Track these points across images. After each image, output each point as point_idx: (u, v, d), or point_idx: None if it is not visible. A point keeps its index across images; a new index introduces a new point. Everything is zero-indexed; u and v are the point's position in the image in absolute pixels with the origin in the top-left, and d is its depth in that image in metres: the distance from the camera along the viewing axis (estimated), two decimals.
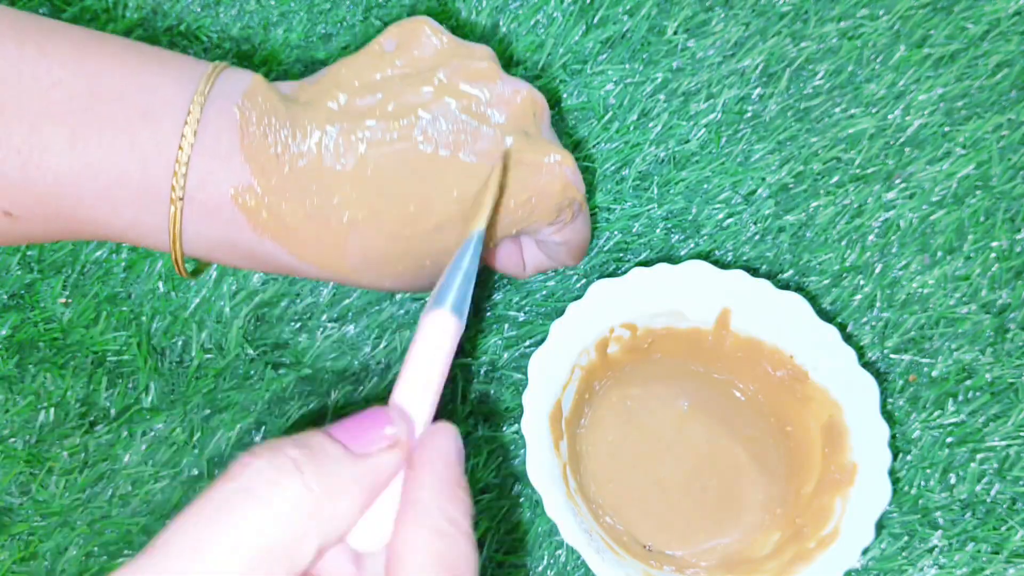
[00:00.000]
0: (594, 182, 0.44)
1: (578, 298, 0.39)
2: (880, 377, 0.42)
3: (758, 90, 0.46)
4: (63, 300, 0.42)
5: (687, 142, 0.45)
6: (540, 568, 0.40)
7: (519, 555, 0.40)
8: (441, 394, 0.27)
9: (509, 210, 0.34)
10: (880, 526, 0.39)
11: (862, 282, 0.43)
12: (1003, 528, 0.40)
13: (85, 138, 0.31)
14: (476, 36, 0.46)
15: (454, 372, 0.42)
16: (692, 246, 0.44)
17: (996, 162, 0.45)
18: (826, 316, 0.42)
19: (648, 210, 0.44)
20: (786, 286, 0.41)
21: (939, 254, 0.44)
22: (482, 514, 0.40)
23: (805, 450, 0.40)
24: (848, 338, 0.41)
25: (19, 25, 0.32)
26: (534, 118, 0.35)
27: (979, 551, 0.40)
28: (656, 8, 0.47)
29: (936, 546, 0.40)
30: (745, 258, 0.44)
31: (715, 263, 0.40)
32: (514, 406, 0.41)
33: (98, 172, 0.31)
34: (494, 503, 0.40)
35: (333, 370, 0.42)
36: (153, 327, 0.42)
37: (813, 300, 0.43)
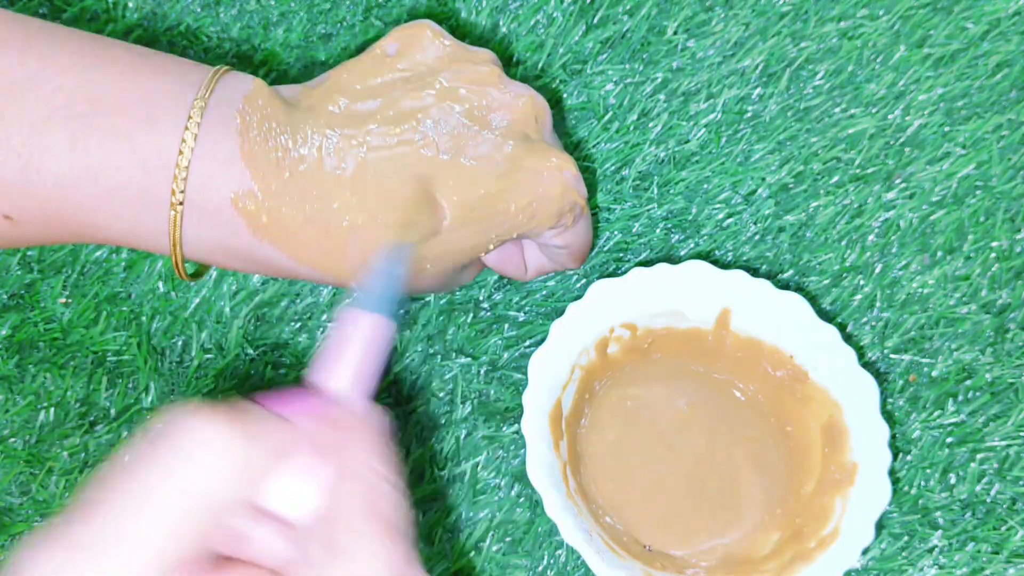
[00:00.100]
0: (594, 182, 0.44)
1: (578, 298, 0.39)
2: (880, 377, 0.42)
3: (758, 90, 0.46)
4: (63, 300, 0.42)
5: (687, 142, 0.45)
6: (540, 568, 0.40)
7: (519, 555, 0.40)
8: (375, 386, 0.28)
9: (510, 214, 0.34)
10: (880, 526, 0.39)
11: (862, 282, 0.43)
12: (1003, 528, 0.40)
13: (86, 142, 0.31)
14: (476, 36, 0.46)
15: (454, 372, 0.42)
16: (692, 246, 0.44)
17: (996, 162, 0.45)
18: (826, 316, 0.42)
19: (648, 210, 0.44)
20: (786, 286, 0.41)
21: (939, 254, 0.44)
22: (482, 514, 0.40)
23: (805, 450, 0.40)
24: (848, 338, 0.41)
25: (21, 30, 0.32)
26: (536, 122, 0.35)
27: (979, 551, 0.40)
28: (656, 8, 0.47)
29: (936, 546, 0.40)
30: (745, 258, 0.44)
31: (715, 263, 0.40)
32: (514, 406, 0.41)
33: (98, 176, 0.31)
34: (494, 503, 0.40)
35: None
36: (153, 327, 0.42)
37: (813, 300, 0.43)
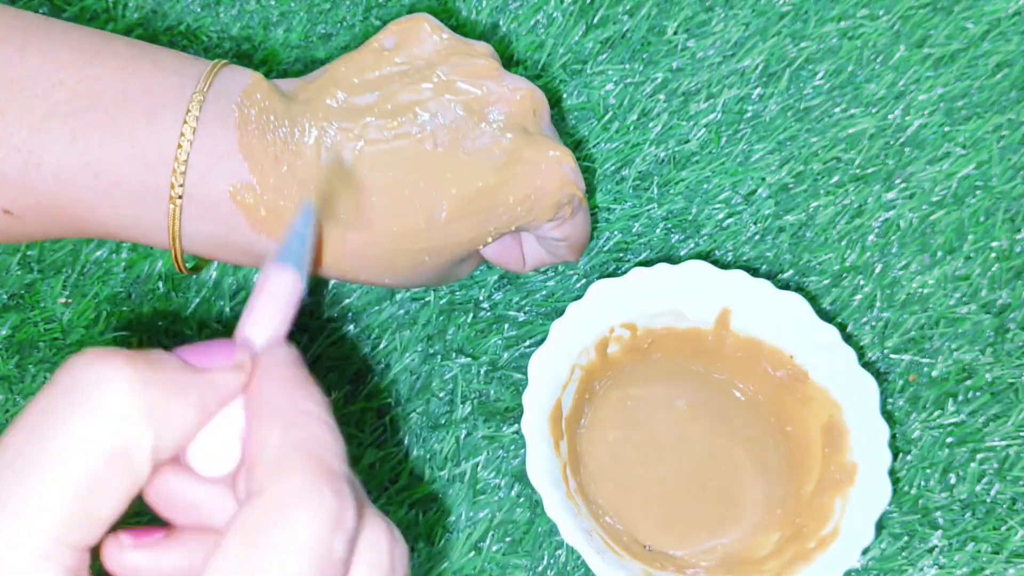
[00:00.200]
0: (594, 182, 0.44)
1: (578, 298, 0.39)
2: (880, 377, 0.42)
3: (758, 90, 0.46)
4: (63, 300, 0.42)
5: (687, 142, 0.45)
6: (540, 568, 0.40)
7: (519, 555, 0.40)
8: (283, 331, 0.27)
9: (508, 207, 0.34)
10: (880, 526, 0.39)
11: (862, 282, 0.43)
12: (1003, 528, 0.40)
13: (85, 137, 0.31)
14: (476, 36, 0.46)
15: (454, 372, 0.42)
16: (692, 246, 0.44)
17: (996, 162, 0.45)
18: (826, 316, 0.42)
19: (648, 210, 0.44)
20: (786, 286, 0.41)
21: (939, 254, 0.44)
22: (482, 514, 0.40)
23: (805, 450, 0.40)
24: (848, 338, 0.41)
25: (21, 25, 0.32)
26: (534, 115, 0.35)
27: (979, 551, 0.40)
28: (656, 8, 0.47)
29: (936, 546, 0.40)
30: (745, 258, 0.44)
31: (715, 263, 0.40)
32: (514, 406, 0.41)
33: (98, 171, 0.31)
34: (494, 503, 0.40)
35: (333, 370, 0.42)
36: (153, 327, 0.42)
37: (813, 300, 0.43)
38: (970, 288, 0.43)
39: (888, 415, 0.41)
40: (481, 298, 0.43)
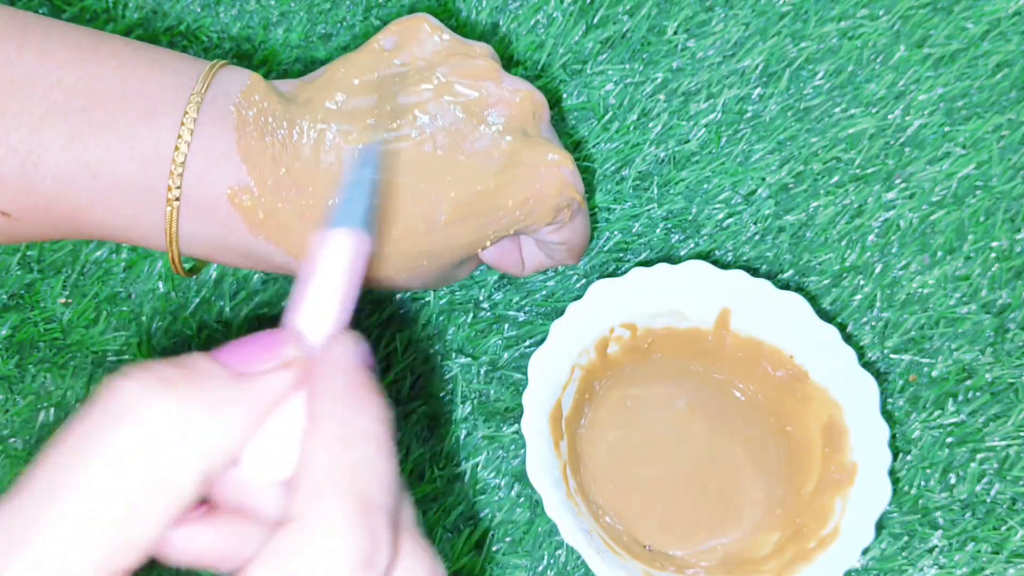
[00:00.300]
0: (594, 182, 0.44)
1: (578, 298, 0.39)
2: (880, 377, 0.42)
3: (758, 90, 0.46)
4: (63, 300, 0.42)
5: (687, 142, 0.45)
6: (540, 568, 0.40)
7: (519, 555, 0.40)
8: (349, 319, 0.24)
9: (507, 210, 0.34)
10: (880, 526, 0.39)
11: (862, 282, 0.43)
12: (1003, 528, 0.40)
13: (84, 138, 0.31)
14: (476, 36, 0.46)
15: (454, 372, 0.42)
16: (692, 246, 0.44)
17: (996, 162, 0.45)
18: (826, 316, 0.42)
19: (648, 210, 0.44)
20: (786, 286, 0.41)
21: (939, 254, 0.44)
22: (482, 514, 0.40)
23: (805, 450, 0.40)
24: (848, 338, 0.41)
25: (19, 25, 0.32)
26: (533, 118, 0.35)
27: (979, 551, 0.40)
28: (656, 8, 0.47)
29: (936, 546, 0.40)
30: (745, 258, 0.44)
31: (715, 263, 0.40)
32: (514, 406, 0.41)
33: (96, 172, 0.31)
34: (494, 503, 0.40)
35: None
36: (153, 327, 0.42)
37: (813, 300, 0.43)
38: (970, 288, 0.43)
39: (888, 415, 0.41)
40: (481, 298, 0.43)
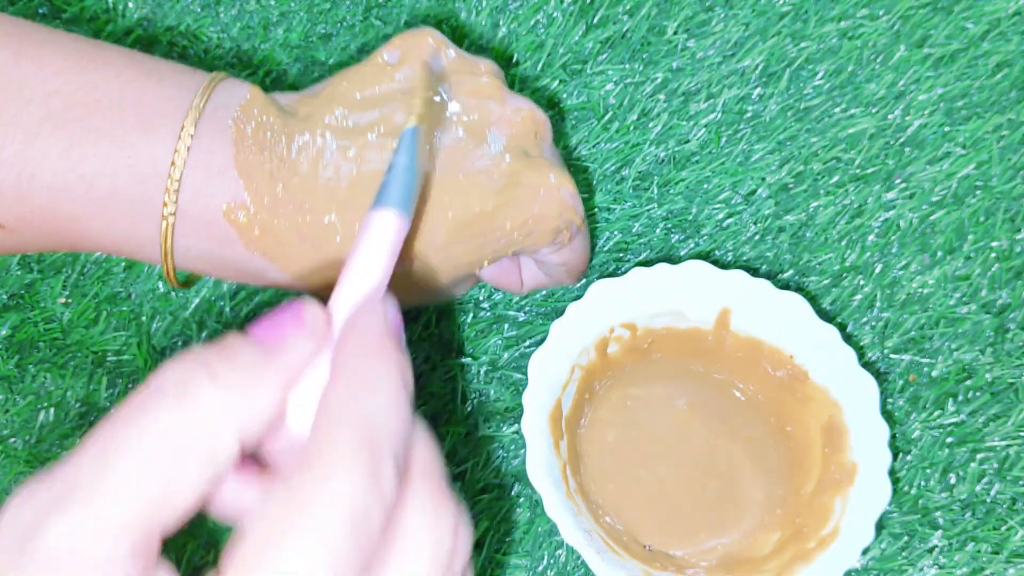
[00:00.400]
0: (594, 182, 0.44)
1: (578, 298, 0.39)
2: (880, 377, 0.42)
3: (758, 90, 0.46)
4: (63, 300, 0.42)
5: (687, 142, 0.45)
6: (540, 568, 0.40)
7: (519, 555, 0.40)
8: (377, 282, 0.26)
9: (505, 232, 0.34)
10: (880, 526, 0.39)
11: (862, 282, 0.43)
12: (1003, 528, 0.40)
13: (81, 151, 0.31)
14: (476, 36, 0.46)
15: (454, 372, 0.42)
16: (692, 246, 0.44)
17: (996, 162, 0.45)
18: (826, 316, 0.42)
19: (648, 210, 0.44)
20: (786, 286, 0.41)
21: (939, 254, 0.44)
22: (482, 514, 0.40)
23: (805, 450, 0.40)
24: (848, 338, 0.41)
25: (17, 34, 0.32)
26: (535, 137, 0.34)
27: (979, 551, 0.40)
28: (656, 8, 0.47)
29: (936, 546, 0.40)
30: (745, 258, 0.44)
31: (715, 263, 0.40)
32: (514, 406, 0.41)
33: (92, 184, 0.31)
34: (494, 503, 0.40)
35: None
36: (153, 327, 0.42)
37: (813, 300, 0.43)
38: (970, 288, 0.43)
39: (888, 415, 0.41)
40: (481, 298, 0.43)
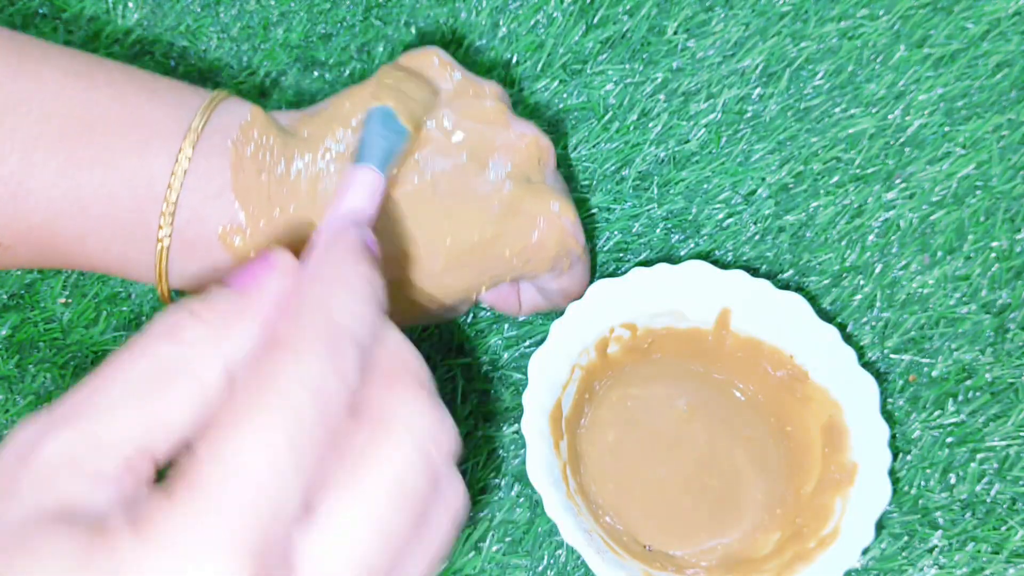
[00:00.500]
0: (594, 182, 0.44)
1: (578, 298, 0.39)
2: (880, 377, 0.42)
3: (758, 90, 0.46)
4: (63, 300, 0.42)
5: (687, 142, 0.45)
6: (540, 568, 0.40)
7: (519, 555, 0.40)
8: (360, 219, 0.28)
9: (504, 259, 0.34)
10: (880, 526, 0.39)
11: (862, 282, 0.43)
12: (1003, 528, 0.40)
13: (77, 171, 0.30)
14: (476, 36, 0.46)
15: (454, 372, 0.42)
16: (692, 246, 0.44)
17: (996, 162, 0.45)
18: (826, 316, 0.42)
19: (648, 210, 0.44)
20: (786, 286, 0.41)
21: (939, 254, 0.44)
22: (482, 514, 0.40)
23: (805, 450, 0.40)
24: (848, 338, 0.41)
25: (15, 48, 0.31)
26: (539, 164, 0.34)
27: (979, 551, 0.40)
28: (656, 8, 0.47)
29: (936, 546, 0.40)
30: (745, 258, 0.44)
31: (715, 263, 0.40)
32: (514, 406, 0.41)
33: (88, 205, 0.30)
34: (494, 503, 0.40)
35: None
36: None
37: (813, 300, 0.43)
38: (970, 288, 0.43)
39: (888, 415, 0.41)
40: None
